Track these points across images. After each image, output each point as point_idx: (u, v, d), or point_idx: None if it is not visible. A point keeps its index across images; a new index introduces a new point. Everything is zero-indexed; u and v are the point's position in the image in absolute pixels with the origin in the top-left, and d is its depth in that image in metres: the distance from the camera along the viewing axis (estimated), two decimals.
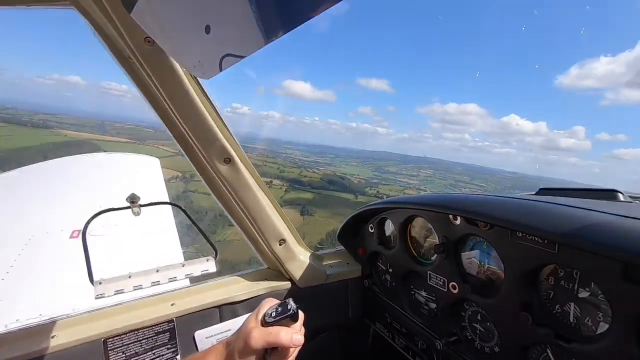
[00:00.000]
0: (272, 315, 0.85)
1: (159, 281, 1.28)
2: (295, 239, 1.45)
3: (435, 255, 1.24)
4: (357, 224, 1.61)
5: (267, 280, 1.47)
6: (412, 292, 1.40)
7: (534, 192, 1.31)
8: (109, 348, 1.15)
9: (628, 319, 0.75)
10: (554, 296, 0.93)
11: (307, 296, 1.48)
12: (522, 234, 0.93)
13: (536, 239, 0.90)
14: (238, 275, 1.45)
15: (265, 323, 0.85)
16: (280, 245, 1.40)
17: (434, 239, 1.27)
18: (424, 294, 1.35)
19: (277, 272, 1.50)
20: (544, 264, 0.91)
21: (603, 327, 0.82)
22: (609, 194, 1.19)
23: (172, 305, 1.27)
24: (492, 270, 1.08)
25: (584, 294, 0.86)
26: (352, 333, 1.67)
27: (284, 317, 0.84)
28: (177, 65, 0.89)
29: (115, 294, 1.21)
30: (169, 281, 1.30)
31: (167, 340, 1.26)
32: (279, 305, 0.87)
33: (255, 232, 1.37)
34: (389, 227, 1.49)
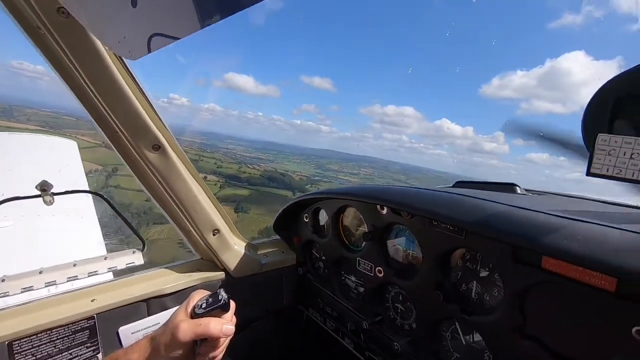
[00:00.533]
0: (202, 307, 0.84)
1: (76, 276, 1.19)
2: (230, 229, 1.44)
3: (364, 242, 1.33)
4: (292, 214, 1.65)
5: (200, 272, 1.44)
6: (343, 278, 1.48)
7: (451, 185, 1.47)
8: (15, 351, 1.04)
9: (516, 293, 0.89)
10: (461, 276, 1.06)
11: (241, 286, 1.49)
12: (436, 222, 1.04)
13: (448, 226, 1.02)
14: (167, 268, 1.40)
15: (194, 315, 0.84)
16: (214, 235, 1.38)
17: (364, 228, 1.36)
18: (353, 279, 1.44)
19: (211, 262, 1.48)
20: (454, 248, 1.03)
21: (498, 301, 0.96)
22: (509, 187, 1.39)
23: (92, 301, 1.19)
24: (413, 255, 1.19)
25: (484, 273, 1.00)
26: (286, 319, 1.71)
27: (214, 308, 0.84)
28: (99, 42, 0.83)
29: (22, 292, 1.10)
30: (89, 275, 1.21)
31: (86, 339, 1.17)
32: (210, 296, 0.86)
33: (188, 223, 1.33)
34: (323, 217, 1.55)
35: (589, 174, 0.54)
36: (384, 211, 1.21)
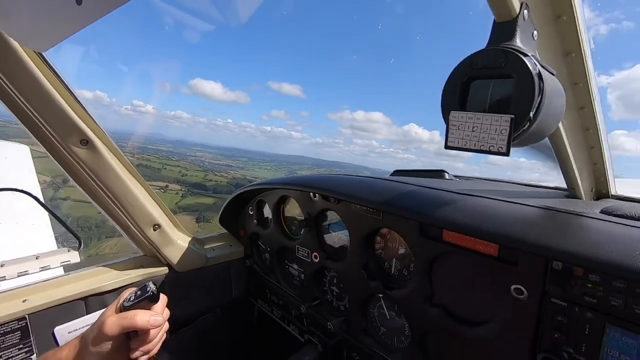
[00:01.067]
0: (131, 300, 0.84)
1: (4, 276, 1.16)
2: (173, 223, 1.46)
3: (303, 230, 1.39)
4: (238, 208, 1.69)
5: (143, 268, 1.44)
6: (287, 267, 1.54)
7: (390, 174, 1.58)
8: None
9: (424, 265, 0.98)
10: (384, 255, 1.15)
11: (187, 280, 1.50)
12: (358, 205, 1.13)
13: (368, 208, 1.10)
14: (107, 265, 1.39)
15: (123, 308, 0.83)
16: (154, 230, 1.39)
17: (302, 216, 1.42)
18: (295, 266, 1.50)
19: (154, 258, 1.49)
20: (375, 229, 1.12)
21: (412, 274, 1.05)
22: (438, 174, 1.51)
23: (23, 301, 1.17)
24: (343, 239, 1.27)
25: (402, 250, 1.09)
26: (237, 312, 1.74)
27: (141, 300, 0.83)
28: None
29: None
30: (19, 276, 1.19)
31: (17, 340, 1.15)
32: (139, 289, 0.86)
33: (126, 219, 1.34)
34: (267, 209, 1.60)
35: (446, 147, 0.63)
36: (316, 198, 1.28)
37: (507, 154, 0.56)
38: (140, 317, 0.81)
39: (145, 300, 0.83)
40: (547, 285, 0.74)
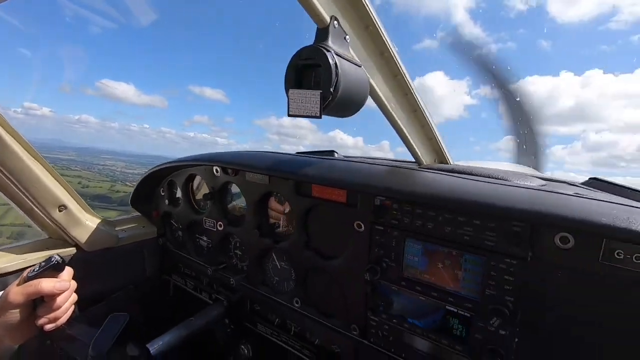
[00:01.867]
0: (35, 270, 0.86)
1: None
2: (80, 205, 1.52)
3: (209, 203, 1.57)
4: (148, 190, 1.79)
5: (49, 250, 1.48)
6: (197, 239, 1.70)
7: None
8: None
9: (300, 217, 1.24)
10: (274, 215, 1.38)
11: (97, 260, 1.57)
12: (250, 173, 1.35)
13: (257, 175, 1.33)
14: (8, 248, 1.41)
15: (27, 279, 0.85)
16: (60, 211, 1.44)
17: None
18: (205, 238, 1.67)
19: (61, 240, 1.53)
20: (265, 193, 1.35)
21: (293, 227, 1.30)
22: (330, 153, 1.80)
23: None
24: (242, 207, 1.48)
25: (287, 209, 1.34)
26: (151, 290, 1.84)
27: (46, 269, 0.86)
28: None
29: None
30: None
31: None
32: (44, 261, 0.88)
33: (29, 201, 1.37)
34: (178, 189, 1.74)
35: (288, 115, 0.88)
36: (219, 173, 1.47)
37: (320, 117, 0.82)
38: (46, 283, 0.84)
39: (49, 269, 0.86)
40: (373, 216, 1.05)
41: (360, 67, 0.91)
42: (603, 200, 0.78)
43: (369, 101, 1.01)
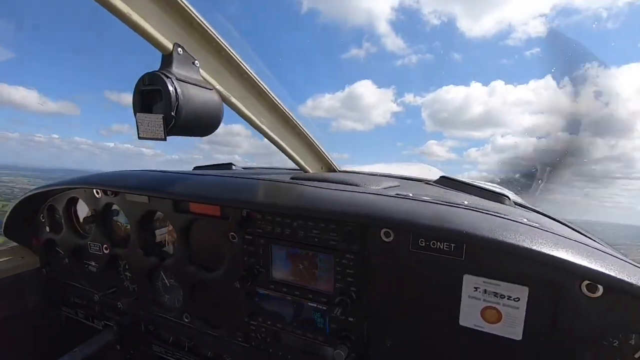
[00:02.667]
0: None
1: None
2: None
3: (92, 226, 1.51)
4: (25, 216, 1.66)
5: None
6: (85, 265, 1.62)
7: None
8: None
9: (182, 233, 1.26)
10: (158, 233, 1.38)
11: None
12: (128, 193, 1.33)
13: (137, 196, 1.32)
14: None
15: None
16: None
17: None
18: (93, 263, 1.59)
19: None
20: (146, 212, 1.34)
21: (177, 243, 1.32)
22: (227, 166, 1.84)
23: None
24: (127, 227, 1.46)
25: (170, 227, 1.35)
26: (37, 323, 1.70)
27: None
28: None
29: None
30: None
31: None
32: None
33: None
34: (58, 213, 1.64)
35: (139, 138, 0.91)
36: (99, 195, 1.43)
37: (164, 139, 0.87)
38: None
39: None
40: (243, 227, 1.12)
41: (211, 89, 0.98)
42: (420, 200, 0.95)
43: None
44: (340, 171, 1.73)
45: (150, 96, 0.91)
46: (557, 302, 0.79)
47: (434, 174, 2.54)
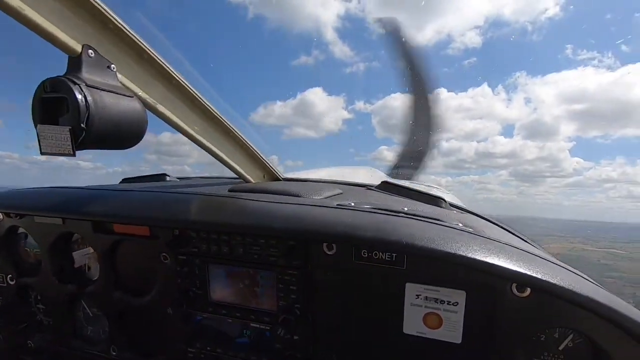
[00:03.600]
0: None
1: None
2: None
3: None
4: None
5: None
6: None
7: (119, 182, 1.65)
8: None
9: (105, 258, 1.12)
10: (77, 257, 1.22)
11: None
12: (36, 216, 1.16)
13: (48, 218, 1.15)
14: None
15: None
16: None
17: None
18: None
19: None
20: (59, 234, 1.17)
21: (100, 268, 1.17)
22: (161, 177, 1.69)
23: None
24: (37, 253, 1.26)
25: (91, 250, 1.19)
26: None
27: None
28: None
29: None
30: None
31: None
32: None
33: None
34: None
35: (41, 154, 0.78)
36: (1, 217, 1.22)
37: (73, 154, 0.76)
38: None
39: None
40: (175, 246, 1.02)
41: (132, 97, 0.87)
42: (361, 210, 0.94)
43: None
44: (283, 179, 1.69)
45: (56, 105, 0.79)
46: (491, 303, 0.83)
47: (378, 177, 2.61)
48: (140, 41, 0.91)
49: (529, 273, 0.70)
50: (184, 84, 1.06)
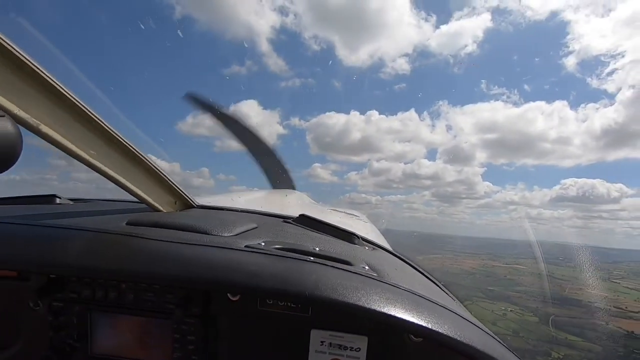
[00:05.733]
0: None
1: None
2: None
3: None
4: None
5: None
6: None
7: None
8: None
9: None
10: None
11: None
12: None
13: None
14: None
15: None
16: None
17: None
18: None
19: None
20: None
21: None
22: (50, 199, 1.44)
23: None
24: None
25: None
26: None
27: None
28: None
29: None
30: None
31: None
32: None
33: None
34: None
35: None
36: None
37: None
38: None
39: None
40: (49, 291, 0.87)
41: (2, 116, 0.73)
42: (269, 253, 0.91)
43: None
44: (197, 206, 1.58)
45: None
46: (391, 347, 0.85)
47: (302, 204, 2.61)
48: (16, 50, 0.78)
49: (420, 323, 0.75)
50: (77, 103, 0.94)
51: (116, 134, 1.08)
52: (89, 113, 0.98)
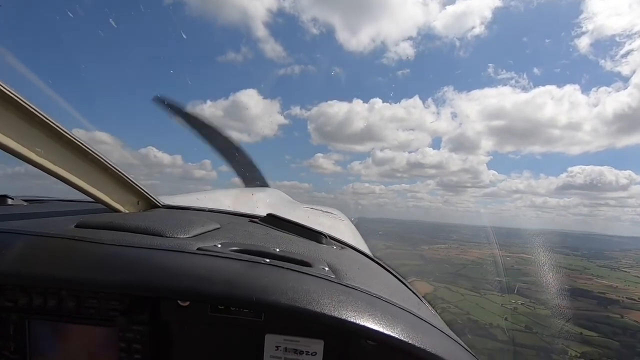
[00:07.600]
0: None
1: None
2: None
3: None
4: None
5: None
6: None
7: None
8: None
9: None
10: None
11: None
12: None
13: None
14: None
15: None
16: None
17: None
18: None
19: None
20: None
21: None
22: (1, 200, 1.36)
23: None
24: None
25: None
26: None
27: None
28: None
29: None
30: None
31: None
32: None
33: None
34: None
35: None
36: None
37: None
38: None
39: None
40: None
41: None
42: (223, 256, 0.87)
43: None
44: (163, 206, 1.53)
45: None
46: (347, 351, 0.83)
47: (275, 202, 2.56)
48: None
49: (372, 327, 0.72)
50: (19, 100, 0.88)
51: (69, 134, 1.02)
52: (31, 108, 0.91)
